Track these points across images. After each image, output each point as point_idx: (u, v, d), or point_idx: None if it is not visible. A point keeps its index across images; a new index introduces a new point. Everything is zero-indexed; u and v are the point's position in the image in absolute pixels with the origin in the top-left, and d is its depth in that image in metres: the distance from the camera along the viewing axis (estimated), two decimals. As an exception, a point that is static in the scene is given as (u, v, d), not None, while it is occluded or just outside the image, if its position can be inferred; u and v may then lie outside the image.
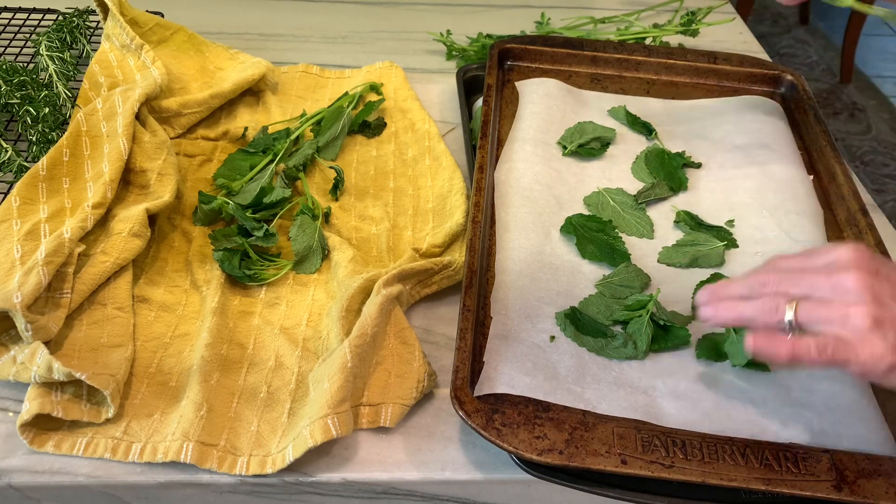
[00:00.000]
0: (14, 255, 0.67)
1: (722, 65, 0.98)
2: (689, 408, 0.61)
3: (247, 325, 0.70)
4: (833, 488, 0.56)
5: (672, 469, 0.56)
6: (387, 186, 0.87)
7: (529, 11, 1.23)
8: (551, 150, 0.85)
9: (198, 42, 1.03)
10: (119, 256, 0.70)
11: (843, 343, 0.50)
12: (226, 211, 0.77)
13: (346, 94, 0.96)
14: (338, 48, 1.13)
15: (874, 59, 3.06)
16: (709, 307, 0.57)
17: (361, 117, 0.93)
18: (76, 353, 0.64)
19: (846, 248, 0.53)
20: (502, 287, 0.69)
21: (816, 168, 0.88)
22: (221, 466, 0.59)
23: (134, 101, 0.81)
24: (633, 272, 0.71)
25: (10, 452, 0.59)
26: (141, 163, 0.78)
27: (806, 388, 0.63)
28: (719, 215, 0.80)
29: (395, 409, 0.63)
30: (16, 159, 0.81)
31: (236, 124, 0.93)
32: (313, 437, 0.57)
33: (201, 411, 0.60)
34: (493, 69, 0.94)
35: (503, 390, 0.60)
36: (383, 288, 0.68)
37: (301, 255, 0.76)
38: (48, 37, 0.97)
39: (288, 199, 0.80)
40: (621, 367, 0.64)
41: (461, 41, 1.13)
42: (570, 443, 0.57)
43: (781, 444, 0.59)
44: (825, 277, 0.52)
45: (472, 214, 0.73)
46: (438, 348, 0.70)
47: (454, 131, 0.97)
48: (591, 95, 0.95)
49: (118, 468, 0.59)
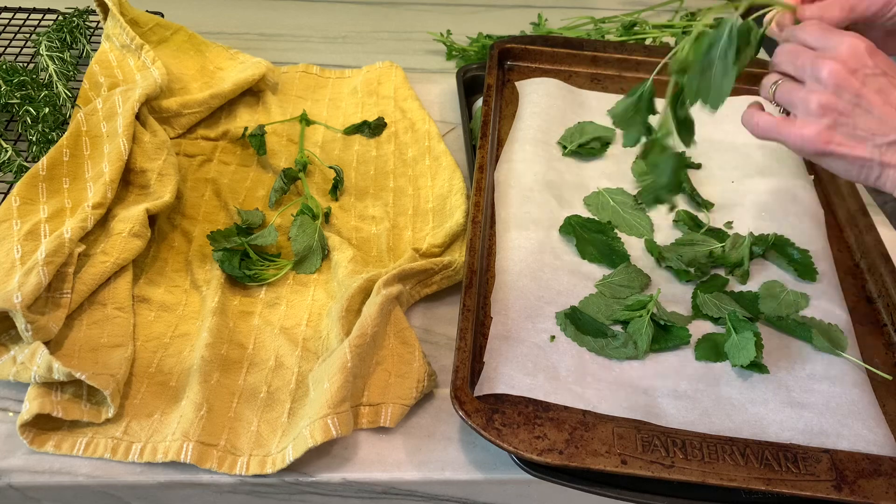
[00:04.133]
0: (14, 255, 0.67)
1: (722, 65, 0.98)
2: (689, 408, 0.61)
3: (247, 325, 0.70)
4: (833, 488, 0.56)
5: (672, 469, 0.56)
6: (387, 186, 0.87)
7: (529, 11, 1.23)
8: (551, 149, 0.85)
9: (198, 42, 1.03)
10: (119, 256, 0.70)
11: (790, 122, 0.57)
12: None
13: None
14: (338, 48, 1.13)
15: (874, 59, 3.05)
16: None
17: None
18: (76, 353, 0.64)
19: (847, 40, 0.56)
20: (502, 287, 0.69)
21: (816, 168, 0.88)
22: (221, 466, 0.59)
23: (134, 102, 0.81)
24: (633, 272, 0.71)
25: (10, 452, 0.59)
26: (141, 163, 0.78)
27: (806, 388, 0.63)
28: (719, 216, 0.80)
29: (395, 409, 0.63)
30: (16, 159, 0.81)
31: (236, 124, 0.93)
32: (313, 436, 0.57)
33: (201, 411, 0.60)
34: (493, 69, 0.94)
35: (503, 390, 0.60)
36: (383, 288, 0.68)
37: (301, 255, 0.76)
38: (48, 37, 0.97)
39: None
40: (621, 366, 0.64)
41: (461, 41, 1.13)
42: (570, 443, 0.57)
43: (781, 444, 0.59)
44: (811, 61, 0.56)
45: (472, 214, 0.73)
46: (438, 348, 0.70)
47: (454, 131, 0.97)
48: (591, 95, 0.95)
49: (118, 468, 0.59)
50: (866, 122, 0.54)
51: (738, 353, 0.64)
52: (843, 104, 0.55)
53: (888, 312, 0.71)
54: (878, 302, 0.73)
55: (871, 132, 0.54)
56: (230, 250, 0.74)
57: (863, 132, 0.55)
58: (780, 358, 0.65)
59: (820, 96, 0.55)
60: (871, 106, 0.54)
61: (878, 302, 0.73)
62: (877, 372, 0.66)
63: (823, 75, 0.55)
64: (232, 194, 0.84)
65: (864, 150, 0.55)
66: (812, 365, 0.65)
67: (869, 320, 0.71)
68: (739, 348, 0.64)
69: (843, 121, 0.55)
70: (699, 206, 0.81)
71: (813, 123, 0.56)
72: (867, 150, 0.55)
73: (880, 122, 0.54)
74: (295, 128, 0.94)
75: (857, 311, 0.72)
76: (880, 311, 0.72)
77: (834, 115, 0.55)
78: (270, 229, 0.77)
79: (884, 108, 0.54)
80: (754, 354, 0.63)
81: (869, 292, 0.74)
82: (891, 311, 0.71)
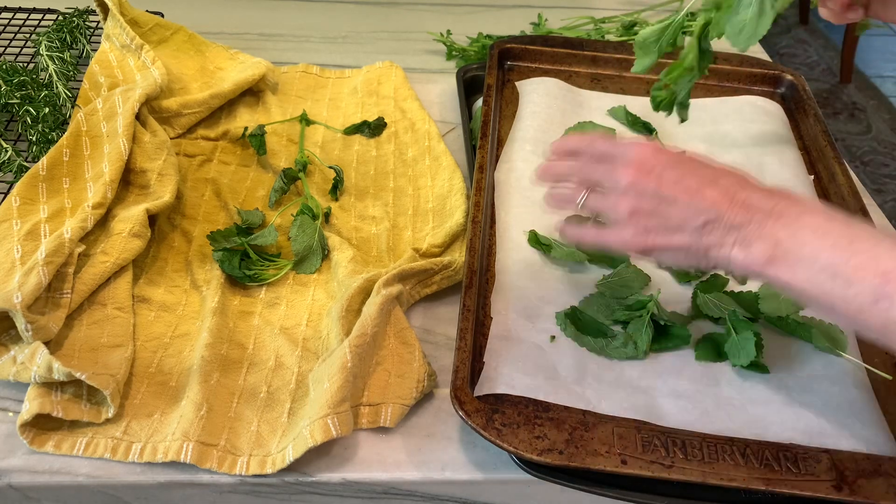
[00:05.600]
0: (14, 255, 0.67)
1: (722, 65, 0.98)
2: (689, 408, 0.61)
3: (247, 325, 0.70)
4: (833, 488, 0.56)
5: (672, 469, 0.56)
6: (387, 186, 0.87)
7: (529, 11, 1.23)
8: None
9: (198, 42, 1.03)
10: (119, 256, 0.70)
11: (606, 231, 0.59)
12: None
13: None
14: (338, 48, 1.13)
15: (874, 58, 3.06)
16: (541, 175, 0.65)
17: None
18: (76, 353, 0.64)
19: (636, 148, 0.58)
20: (502, 287, 0.69)
21: (816, 168, 0.88)
22: (221, 466, 0.59)
23: (134, 102, 0.81)
24: (633, 272, 0.71)
25: (10, 452, 0.59)
26: (141, 163, 0.78)
27: (806, 388, 0.63)
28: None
29: (395, 409, 0.63)
30: (16, 159, 0.81)
31: (236, 124, 0.93)
32: (313, 436, 0.57)
33: (201, 411, 0.60)
34: (493, 69, 0.94)
35: (503, 390, 0.60)
36: (383, 288, 0.68)
37: (301, 255, 0.76)
38: (48, 37, 0.97)
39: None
40: (622, 366, 0.64)
41: (461, 41, 1.13)
42: (570, 443, 0.57)
43: (781, 444, 0.59)
44: (609, 173, 0.59)
45: (472, 214, 0.73)
46: (438, 348, 0.70)
47: (454, 131, 0.97)
48: (591, 95, 0.95)
49: (118, 468, 0.59)
50: (675, 212, 0.55)
51: (738, 353, 0.64)
52: (647, 203, 0.56)
53: (888, 312, 0.71)
54: (878, 302, 0.72)
55: (683, 220, 0.55)
56: (230, 250, 0.74)
57: (675, 222, 0.56)
58: (780, 358, 0.65)
59: (626, 202, 0.57)
60: (673, 198, 0.55)
61: (878, 302, 0.72)
62: (877, 372, 0.66)
63: (623, 183, 0.57)
64: (232, 194, 0.84)
65: (683, 239, 0.56)
66: (812, 365, 0.65)
67: (869, 320, 0.71)
68: (739, 348, 0.64)
69: (654, 219, 0.56)
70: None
71: (628, 227, 0.57)
72: (686, 238, 0.56)
73: (686, 208, 0.55)
74: (295, 128, 0.94)
75: (857, 311, 0.72)
76: (880, 311, 0.72)
77: (643, 215, 0.57)
78: (270, 229, 0.77)
79: (685, 196, 0.55)
80: (754, 354, 0.63)
81: (869, 292, 0.74)
82: (891, 311, 0.71)
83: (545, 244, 0.73)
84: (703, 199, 0.55)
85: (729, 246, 0.54)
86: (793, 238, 0.52)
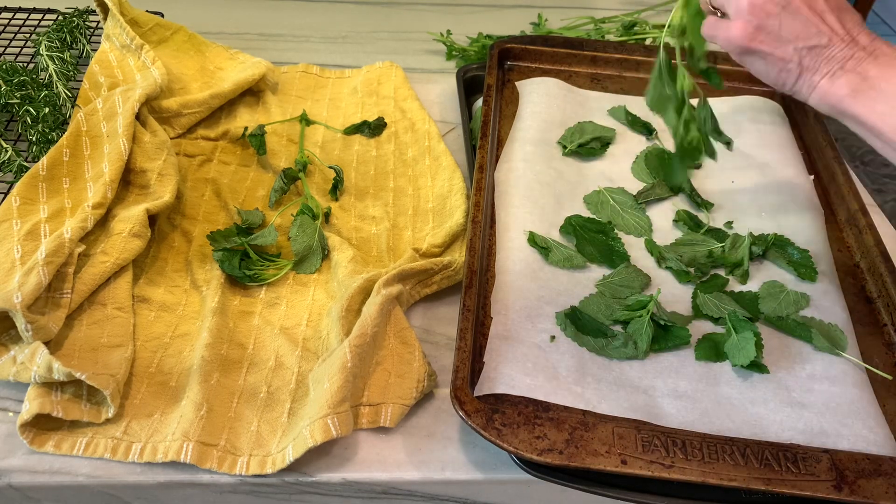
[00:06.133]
0: (14, 255, 0.67)
1: (722, 65, 0.98)
2: (689, 408, 0.61)
3: (247, 325, 0.70)
4: (833, 488, 0.56)
5: (672, 469, 0.56)
6: (387, 186, 0.87)
7: (529, 11, 1.23)
8: (551, 149, 0.85)
9: (198, 42, 1.03)
10: (119, 256, 0.70)
11: (722, 21, 0.60)
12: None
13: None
14: (338, 48, 1.13)
15: (874, 59, 3.05)
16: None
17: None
18: (76, 353, 0.64)
19: None
20: (502, 287, 0.69)
21: (816, 168, 0.88)
22: (221, 466, 0.59)
23: (134, 102, 0.81)
24: (633, 272, 0.71)
25: (10, 452, 0.59)
26: (141, 163, 0.78)
27: (806, 388, 0.63)
28: (719, 216, 0.80)
29: (395, 409, 0.63)
30: (16, 159, 0.81)
31: (236, 124, 0.93)
32: (313, 436, 0.57)
33: (201, 411, 0.60)
34: (493, 69, 0.94)
35: (503, 390, 0.60)
36: (383, 288, 0.68)
37: (301, 255, 0.76)
38: (48, 37, 0.97)
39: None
40: (621, 367, 0.64)
41: (461, 41, 1.13)
42: (570, 443, 0.57)
43: (781, 444, 0.59)
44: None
45: (472, 214, 0.73)
46: (438, 348, 0.70)
47: (454, 131, 0.97)
48: (591, 95, 0.95)
49: (118, 468, 0.59)
50: (791, 25, 0.57)
51: (738, 353, 0.64)
52: (771, 6, 0.58)
53: (888, 312, 0.71)
54: (877, 302, 0.73)
55: (795, 35, 0.57)
56: (230, 250, 0.74)
57: (787, 34, 0.57)
58: (780, 358, 0.65)
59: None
60: (797, 10, 0.57)
61: (877, 302, 0.73)
62: (877, 372, 0.66)
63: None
64: (232, 194, 0.84)
65: (786, 52, 0.57)
66: (812, 365, 0.65)
67: (869, 320, 0.71)
68: (739, 348, 0.64)
69: (770, 22, 0.58)
70: (699, 206, 0.81)
71: (741, 22, 0.59)
72: (789, 52, 0.57)
73: (805, 26, 0.57)
74: (295, 128, 0.94)
75: (856, 311, 0.72)
76: (880, 311, 0.72)
77: (762, 15, 0.58)
78: (270, 229, 0.77)
79: (809, 14, 0.57)
80: (754, 354, 0.63)
81: (869, 292, 0.74)
82: (891, 311, 0.71)
83: (543, 247, 0.73)
84: (823, 23, 0.56)
85: (821, 74, 0.57)
86: (881, 75, 0.55)
